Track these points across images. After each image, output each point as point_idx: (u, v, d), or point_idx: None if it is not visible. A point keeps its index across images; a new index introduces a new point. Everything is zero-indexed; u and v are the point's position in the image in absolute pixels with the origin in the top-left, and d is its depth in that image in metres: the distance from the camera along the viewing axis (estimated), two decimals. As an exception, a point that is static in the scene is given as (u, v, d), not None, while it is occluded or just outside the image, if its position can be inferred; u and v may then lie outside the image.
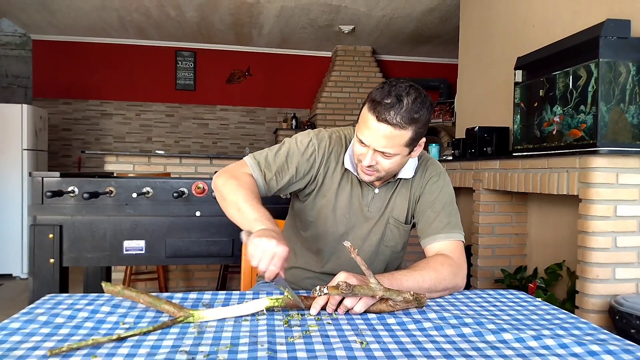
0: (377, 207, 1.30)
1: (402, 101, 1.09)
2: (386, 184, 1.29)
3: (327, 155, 1.28)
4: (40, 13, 5.20)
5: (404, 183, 1.31)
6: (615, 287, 1.98)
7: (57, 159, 6.09)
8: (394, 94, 1.09)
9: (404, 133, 1.11)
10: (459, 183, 3.27)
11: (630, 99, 2.03)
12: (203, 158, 3.65)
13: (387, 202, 1.30)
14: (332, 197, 1.29)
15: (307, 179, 1.28)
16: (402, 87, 1.11)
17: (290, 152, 1.27)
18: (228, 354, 0.77)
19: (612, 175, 1.97)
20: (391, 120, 1.09)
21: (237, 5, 4.85)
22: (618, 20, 2.06)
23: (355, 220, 1.30)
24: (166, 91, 6.38)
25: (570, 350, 0.81)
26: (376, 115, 1.09)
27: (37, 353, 0.77)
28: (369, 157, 1.15)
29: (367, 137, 1.13)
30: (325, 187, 1.29)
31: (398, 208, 1.31)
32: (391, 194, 1.31)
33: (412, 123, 1.10)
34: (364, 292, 0.94)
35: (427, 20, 5.17)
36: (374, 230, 1.31)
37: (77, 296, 1.08)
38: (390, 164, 1.17)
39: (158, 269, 3.26)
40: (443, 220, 1.26)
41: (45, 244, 1.75)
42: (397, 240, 1.34)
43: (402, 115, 1.08)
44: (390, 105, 1.08)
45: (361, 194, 1.29)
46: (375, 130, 1.11)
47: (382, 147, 1.12)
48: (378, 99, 1.10)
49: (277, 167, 1.25)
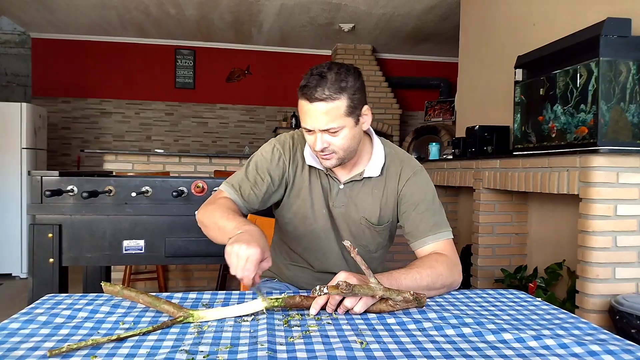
0: (341, 202, 1.30)
1: (326, 76, 1.12)
2: (351, 181, 1.29)
3: (292, 155, 1.30)
4: (39, 11, 5.19)
5: (373, 183, 1.29)
6: (616, 286, 1.98)
7: (56, 158, 6.09)
8: (315, 74, 1.13)
9: (339, 103, 1.13)
10: (459, 182, 3.27)
11: (630, 98, 2.03)
12: (202, 157, 3.64)
13: (352, 199, 1.29)
14: (306, 195, 1.30)
15: (283, 183, 1.31)
16: (323, 66, 1.16)
17: (258, 164, 1.29)
18: (228, 354, 0.77)
19: (613, 174, 1.97)
20: (321, 95, 1.12)
21: (237, 3, 4.84)
22: (618, 19, 2.05)
23: (322, 217, 1.31)
24: (166, 90, 6.38)
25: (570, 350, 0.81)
26: (307, 98, 1.13)
27: (37, 353, 0.77)
28: (319, 141, 1.17)
29: (308, 122, 1.16)
30: (297, 187, 1.31)
31: (369, 208, 1.29)
32: (357, 192, 1.29)
33: (342, 91, 1.13)
34: (364, 292, 0.94)
35: (427, 18, 5.16)
36: (344, 227, 1.31)
37: (77, 296, 1.08)
38: (342, 140, 1.17)
39: (157, 268, 3.26)
40: (429, 221, 1.25)
41: (44, 243, 1.75)
42: (370, 241, 1.33)
43: (329, 87, 1.12)
44: (315, 83, 1.12)
45: (328, 187, 1.30)
46: (312, 112, 1.14)
47: (325, 124, 1.14)
48: (304, 84, 1.14)
49: (252, 182, 1.27)
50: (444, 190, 3.97)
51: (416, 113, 6.85)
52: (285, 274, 1.43)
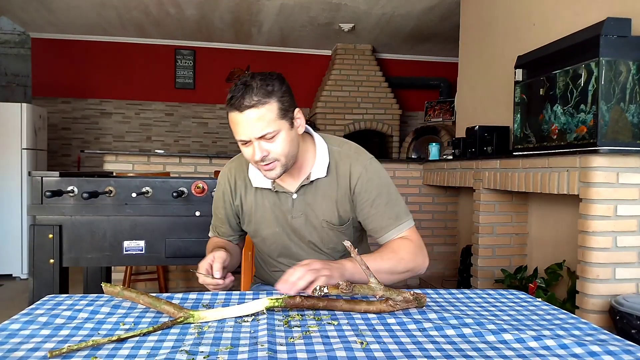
0: (299, 211, 1.30)
1: (250, 84, 1.14)
2: (302, 187, 1.29)
3: (232, 186, 1.36)
4: (39, 11, 5.20)
5: (324, 184, 1.29)
6: (616, 287, 1.98)
7: (56, 158, 6.09)
8: (240, 84, 1.14)
9: (269, 107, 1.14)
10: (459, 182, 3.27)
11: (630, 98, 2.03)
12: (203, 157, 3.64)
13: (309, 205, 1.29)
14: (261, 218, 1.34)
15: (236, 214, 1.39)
16: (245, 76, 1.17)
17: (214, 204, 1.42)
18: (228, 355, 0.77)
19: (613, 174, 1.97)
20: (250, 102, 1.12)
21: (237, 3, 4.84)
22: (618, 19, 2.05)
23: (286, 230, 1.32)
24: (166, 90, 6.38)
25: (570, 350, 0.81)
26: (237, 108, 1.14)
27: (38, 354, 0.77)
28: (257, 150, 1.16)
29: (243, 133, 1.16)
30: (248, 212, 1.35)
31: (327, 211, 1.29)
32: (312, 197, 1.29)
33: (269, 95, 1.14)
34: (364, 292, 0.95)
35: (427, 18, 5.16)
36: (305, 235, 1.32)
37: (77, 297, 1.08)
38: (280, 145, 1.17)
39: (158, 269, 3.26)
40: (390, 214, 1.27)
41: (45, 244, 1.75)
42: (336, 242, 1.33)
43: (256, 93, 1.12)
44: (242, 93, 1.13)
45: (280, 203, 1.31)
46: (244, 121, 1.14)
47: (260, 131, 1.14)
48: (230, 96, 1.15)
49: (219, 222, 1.42)
50: (443, 191, 3.97)
51: (416, 113, 6.85)
52: (272, 282, 1.44)
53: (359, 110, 6.30)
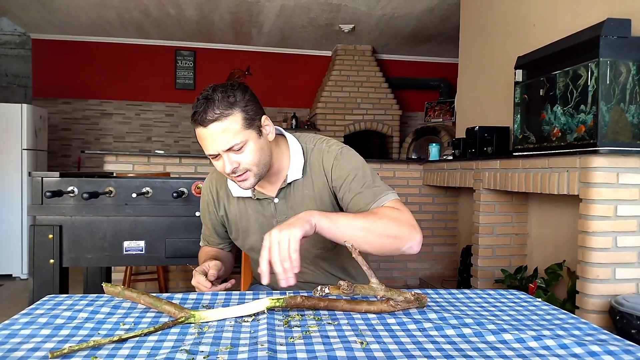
0: (283, 214, 1.28)
1: (212, 97, 1.12)
2: (281, 190, 1.28)
3: (215, 197, 1.37)
4: (39, 12, 5.20)
5: (302, 184, 1.28)
6: (616, 287, 1.98)
7: (56, 159, 6.09)
8: (201, 99, 1.13)
9: (232, 118, 1.12)
10: (459, 183, 3.27)
11: (630, 99, 2.03)
12: (203, 158, 3.65)
13: (291, 208, 1.28)
14: (246, 226, 1.34)
15: (222, 223, 1.40)
16: (207, 90, 1.15)
17: (202, 215, 1.44)
18: (228, 355, 0.77)
19: (613, 175, 1.97)
20: (212, 116, 1.10)
21: (237, 4, 4.84)
22: (618, 20, 2.06)
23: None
24: (166, 90, 6.38)
25: (570, 350, 0.81)
26: (200, 123, 1.12)
27: (38, 354, 0.77)
28: (227, 163, 1.14)
29: (210, 147, 1.13)
30: (233, 221, 1.36)
31: (310, 207, 1.26)
32: (293, 198, 1.29)
33: (231, 106, 1.12)
34: (365, 292, 0.95)
35: (427, 19, 5.17)
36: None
37: (77, 297, 1.08)
38: (250, 155, 1.15)
39: (158, 269, 3.26)
40: (367, 194, 1.22)
41: (45, 244, 1.75)
42: (325, 240, 1.28)
43: (218, 106, 1.11)
44: (204, 107, 1.11)
45: (263, 209, 1.31)
46: (210, 136, 1.12)
47: (226, 144, 1.12)
48: (193, 111, 1.13)
49: (207, 232, 1.44)
50: (443, 191, 3.97)
51: (416, 114, 6.86)
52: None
53: (359, 111, 6.30)
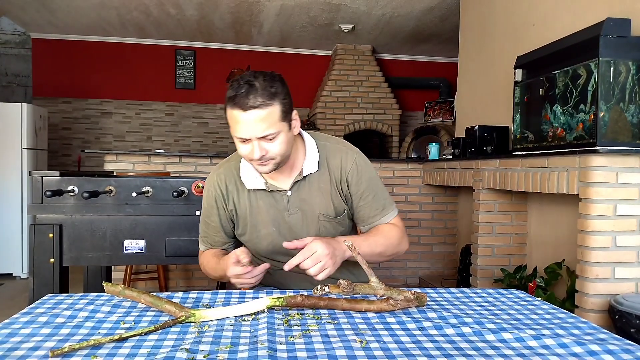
0: (295, 207, 1.32)
1: (254, 84, 1.14)
2: (295, 183, 1.31)
3: (224, 191, 1.35)
4: (39, 12, 5.20)
5: (317, 178, 1.32)
6: (615, 286, 1.98)
7: (56, 158, 6.09)
8: (243, 83, 1.14)
9: (272, 109, 1.15)
10: (459, 182, 3.28)
11: (630, 98, 2.03)
12: (203, 157, 3.65)
13: (304, 201, 1.32)
14: (252, 220, 1.34)
15: (230, 218, 1.38)
16: (248, 75, 1.17)
17: (204, 213, 1.40)
18: (228, 354, 0.77)
19: (612, 174, 1.97)
20: (255, 103, 1.13)
21: (237, 4, 4.84)
22: (618, 19, 2.06)
23: (283, 228, 1.33)
24: (166, 90, 6.38)
25: (570, 349, 0.81)
26: (240, 107, 1.13)
27: (38, 353, 0.77)
28: (256, 149, 1.17)
29: (244, 132, 1.15)
30: (241, 217, 1.36)
31: (322, 204, 1.33)
32: (306, 192, 1.32)
33: (273, 97, 1.15)
34: (365, 291, 0.95)
35: (427, 19, 5.17)
36: (302, 230, 1.33)
37: (77, 296, 1.08)
38: (279, 146, 1.19)
39: (158, 268, 3.26)
40: (377, 205, 1.35)
41: (45, 243, 1.75)
42: (334, 233, 1.35)
43: (261, 94, 1.13)
44: (246, 92, 1.13)
45: (275, 202, 1.32)
46: (247, 121, 1.14)
47: (262, 132, 1.15)
48: (233, 94, 1.14)
49: (211, 232, 1.40)
50: (443, 190, 3.97)
51: (416, 113, 6.85)
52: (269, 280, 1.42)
53: (359, 111, 6.30)
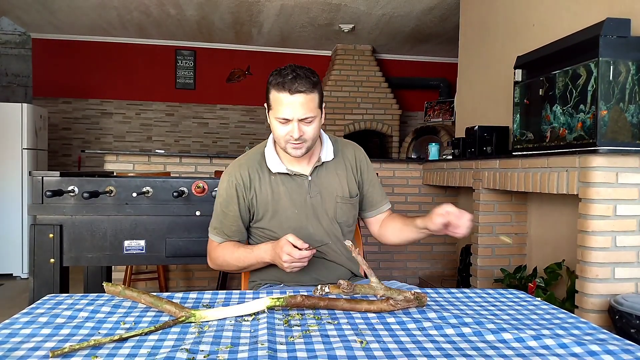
0: (315, 191, 1.44)
1: (299, 73, 1.30)
2: (315, 169, 1.44)
3: (246, 178, 1.42)
4: (40, 12, 5.20)
5: (333, 165, 1.48)
6: (615, 286, 1.98)
7: (57, 158, 6.09)
8: (290, 71, 1.30)
9: (313, 96, 1.31)
10: (459, 182, 3.28)
11: (630, 98, 2.03)
12: (203, 157, 3.65)
13: (323, 185, 1.45)
14: (274, 205, 1.42)
15: (249, 207, 1.43)
16: (289, 66, 1.32)
17: (223, 203, 1.43)
18: (228, 354, 0.77)
19: (612, 174, 1.97)
20: (301, 88, 1.28)
21: (237, 4, 4.85)
22: (618, 19, 2.06)
23: (305, 209, 1.43)
24: (166, 90, 6.38)
25: (569, 350, 0.81)
26: (288, 90, 1.28)
27: (38, 353, 0.77)
28: (296, 129, 1.30)
29: (288, 112, 1.30)
30: (261, 203, 1.42)
31: (339, 187, 1.47)
32: (324, 177, 1.46)
33: (315, 86, 1.32)
34: (365, 291, 0.95)
35: (426, 19, 5.17)
36: (322, 212, 1.45)
37: (78, 296, 1.08)
38: (313, 130, 1.34)
39: (158, 268, 3.26)
40: (380, 193, 1.57)
41: (45, 243, 1.75)
42: (348, 215, 1.50)
43: (306, 81, 1.29)
44: (293, 78, 1.29)
45: (297, 186, 1.43)
46: (293, 103, 1.29)
47: (303, 114, 1.30)
48: (281, 80, 1.29)
49: (229, 222, 1.42)
50: (443, 190, 3.97)
51: (416, 113, 6.85)
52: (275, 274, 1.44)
53: (359, 111, 6.30)
